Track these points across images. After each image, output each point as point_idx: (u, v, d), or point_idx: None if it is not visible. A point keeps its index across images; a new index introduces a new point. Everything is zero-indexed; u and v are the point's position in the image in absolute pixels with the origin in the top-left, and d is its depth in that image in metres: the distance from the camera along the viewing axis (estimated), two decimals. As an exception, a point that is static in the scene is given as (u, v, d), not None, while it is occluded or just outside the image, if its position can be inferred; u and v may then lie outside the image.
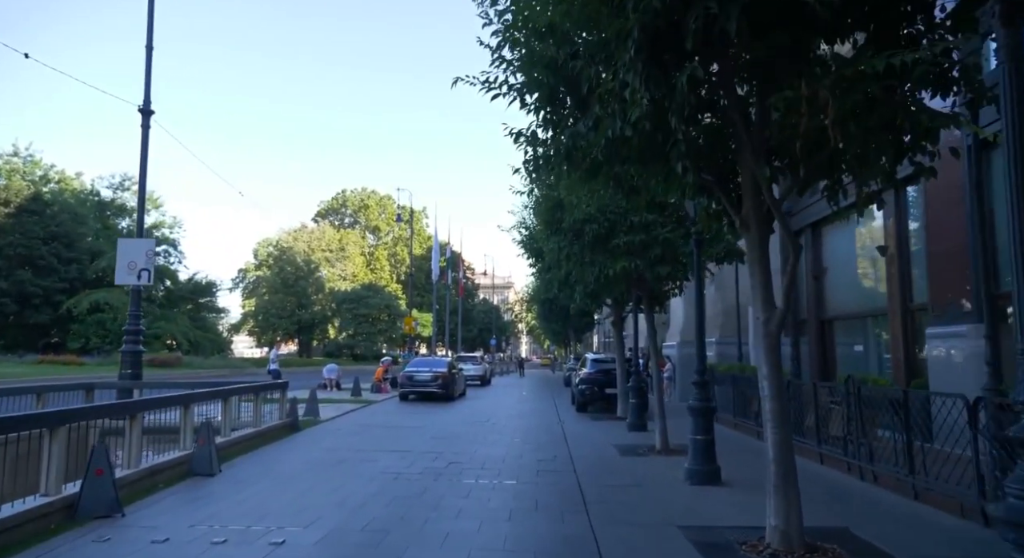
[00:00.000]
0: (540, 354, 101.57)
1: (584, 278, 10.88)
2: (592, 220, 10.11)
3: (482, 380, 32.72)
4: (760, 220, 5.52)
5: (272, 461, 9.40)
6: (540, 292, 32.59)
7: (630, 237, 9.90)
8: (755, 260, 5.56)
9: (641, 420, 13.63)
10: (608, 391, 17.75)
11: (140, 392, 12.99)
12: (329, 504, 6.73)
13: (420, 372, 22.09)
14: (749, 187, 5.51)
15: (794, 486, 5.23)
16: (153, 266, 13.89)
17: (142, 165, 13.85)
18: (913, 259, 10.95)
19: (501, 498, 7.21)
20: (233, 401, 10.48)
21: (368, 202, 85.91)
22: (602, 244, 10.34)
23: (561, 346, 60.80)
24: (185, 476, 8.06)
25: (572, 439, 12.30)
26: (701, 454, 8.08)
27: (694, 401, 8.34)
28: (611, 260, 10.19)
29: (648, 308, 11.55)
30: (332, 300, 69.62)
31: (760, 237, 5.55)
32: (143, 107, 13.94)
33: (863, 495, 7.44)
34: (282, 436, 11.97)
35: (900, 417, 7.36)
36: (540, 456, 10.32)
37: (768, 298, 5.51)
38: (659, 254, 9.93)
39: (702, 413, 8.24)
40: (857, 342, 13.53)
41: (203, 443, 8.21)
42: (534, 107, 6.05)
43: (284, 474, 8.35)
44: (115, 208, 49.77)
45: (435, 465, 9.22)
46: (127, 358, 13.39)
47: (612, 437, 12.59)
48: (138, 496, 6.91)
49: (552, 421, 15.70)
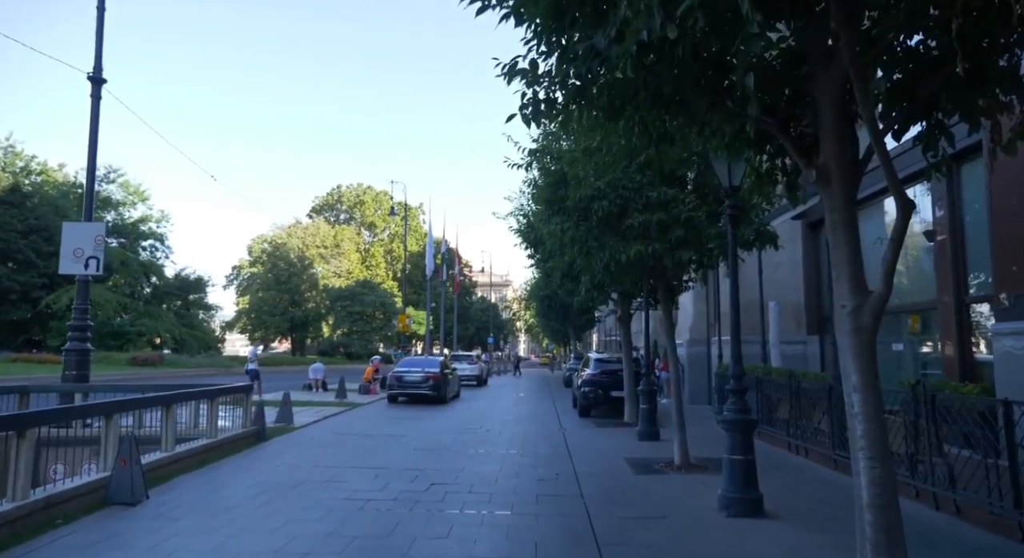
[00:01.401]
0: (538, 353, 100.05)
1: (590, 267, 9.33)
2: (601, 197, 8.56)
3: (478, 380, 31.15)
4: (846, 168, 3.97)
5: (218, 483, 7.83)
6: (539, 287, 31.05)
7: (646, 216, 8.34)
8: (839, 226, 4.00)
9: (653, 428, 12.10)
10: (614, 394, 16.19)
11: (85, 396, 11.45)
12: (262, 554, 5.16)
13: (410, 372, 20.52)
14: (832, 123, 3.96)
15: (901, 547, 3.69)
16: (103, 253, 12.31)
17: (92, 140, 12.27)
18: (969, 245, 9.44)
19: (491, 540, 5.65)
20: (178, 409, 8.93)
21: (364, 198, 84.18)
22: (613, 225, 8.80)
23: (560, 345, 59.22)
24: (100, 505, 6.51)
25: (576, 450, 10.75)
26: (739, 478, 6.53)
27: (730, 412, 6.78)
28: (623, 244, 8.64)
29: (664, 301, 9.99)
30: (326, 297, 67.95)
31: (846, 193, 4.00)
32: (93, 74, 12.37)
33: (953, 535, 5.89)
34: (243, 447, 10.41)
35: (994, 434, 5.83)
36: (540, 473, 8.78)
37: (858, 279, 3.97)
38: (681, 236, 8.36)
39: (740, 427, 6.69)
40: (893, 340, 12.01)
41: (124, 464, 6.65)
42: (534, 26, 4.49)
43: (223, 504, 6.78)
44: (100, 201, 48.00)
45: (413, 488, 7.66)
46: (71, 357, 11.82)
47: (621, 448, 11.05)
48: (23, 538, 5.36)
49: (553, 428, 14.16)
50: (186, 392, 9.22)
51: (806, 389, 10.24)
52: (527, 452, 10.66)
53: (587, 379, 16.78)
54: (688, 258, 8.44)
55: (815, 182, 4.11)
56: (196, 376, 33.49)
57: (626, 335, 15.48)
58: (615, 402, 16.10)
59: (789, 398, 10.86)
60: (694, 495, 7.44)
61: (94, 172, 12.59)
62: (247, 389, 11.31)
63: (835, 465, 8.92)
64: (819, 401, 9.80)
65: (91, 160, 12.35)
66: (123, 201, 49.83)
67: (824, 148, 4.03)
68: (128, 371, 34.93)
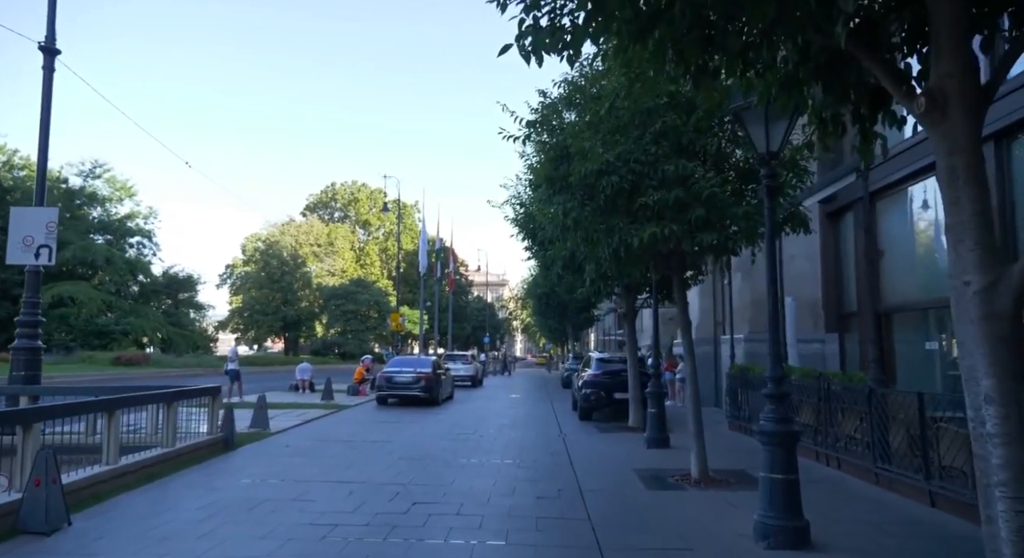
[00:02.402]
0: (535, 353, 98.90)
1: (596, 254, 8.20)
2: (610, 171, 7.43)
3: (473, 381, 29.99)
4: (969, 90, 2.87)
5: (162, 504, 6.69)
6: (537, 283, 29.89)
7: (662, 194, 7.21)
8: (959, 174, 2.88)
9: (662, 434, 10.98)
10: (617, 396, 15.07)
11: (35, 399, 10.28)
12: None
13: (401, 373, 19.37)
14: (948, 30, 2.85)
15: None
16: (55, 242, 11.12)
17: (44, 116, 11.09)
18: (1021, 230, 8.36)
19: (479, 582, 4.53)
20: (128, 414, 7.80)
21: (359, 196, 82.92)
22: (623, 205, 7.68)
23: (557, 344, 58.08)
24: (11, 533, 5.37)
25: (579, 460, 9.64)
26: (781, 502, 5.41)
27: (769, 422, 5.67)
28: (634, 227, 7.52)
29: (680, 293, 8.86)
30: (319, 296, 66.69)
31: (968, 127, 2.88)
32: (45, 44, 11.20)
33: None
34: (206, 457, 9.27)
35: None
36: (539, 489, 7.66)
37: (988, 245, 2.85)
38: (702, 216, 7.23)
39: (782, 440, 5.57)
40: (927, 339, 10.94)
41: (39, 484, 5.51)
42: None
43: (158, 531, 5.63)
44: (86, 196, 46.68)
45: (392, 509, 6.53)
46: (19, 356, 10.60)
47: (629, 457, 9.95)
48: None
49: (552, 433, 13.05)
50: (133, 396, 8.06)
51: (837, 392, 9.12)
52: (525, 462, 9.54)
53: (588, 380, 15.65)
54: (710, 242, 7.30)
55: (922, 116, 2.99)
56: (180, 377, 32.29)
57: (631, 333, 14.37)
58: (618, 405, 15.00)
59: (816, 402, 9.76)
60: (721, 518, 6.33)
61: (47, 151, 11.39)
62: (213, 391, 10.16)
63: (876, 480, 7.81)
64: (853, 406, 8.69)
65: (43, 138, 11.17)
66: (109, 197, 48.48)
67: (938, 66, 2.92)
68: (111, 371, 33.74)
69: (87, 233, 44.87)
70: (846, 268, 13.52)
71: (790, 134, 5.88)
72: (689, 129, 7.52)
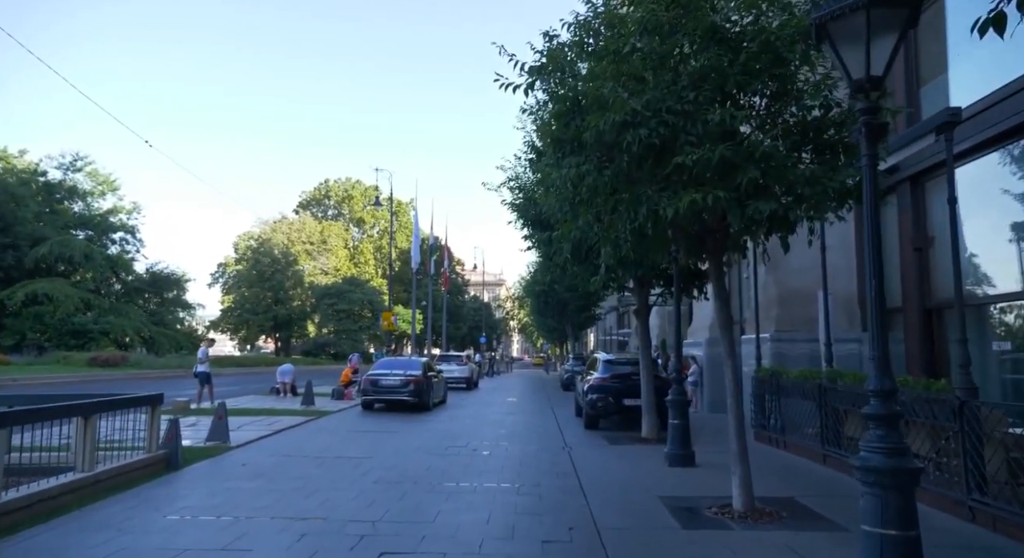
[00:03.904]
0: (532, 353, 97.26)
1: (616, 230, 6.56)
2: (638, 123, 5.79)
3: (468, 383, 28.30)
4: None
5: (45, 556, 5.02)
6: (537, 277, 28.25)
7: (704, 152, 5.57)
8: None
9: (687, 450, 9.36)
10: (627, 402, 13.43)
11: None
12: None
13: (388, 376, 17.71)
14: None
15: None
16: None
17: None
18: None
19: None
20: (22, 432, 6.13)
21: (353, 193, 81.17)
22: (653, 166, 6.04)
23: (556, 344, 56.43)
24: None
25: (591, 484, 8.00)
26: (898, 570, 3.75)
27: (876, 454, 3.94)
28: (666, 194, 5.89)
29: (717, 279, 7.22)
30: (311, 295, 64.96)
31: None
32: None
33: None
34: (139, 482, 7.61)
35: None
36: (546, 528, 6.01)
37: None
38: (755, 179, 5.60)
39: (896, 481, 3.84)
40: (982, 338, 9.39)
41: None
42: None
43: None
44: (65, 190, 44.81)
45: (350, 564, 4.89)
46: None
47: (650, 478, 8.32)
48: None
49: (555, 445, 11.41)
50: (33, 409, 6.35)
51: (907, 403, 7.50)
52: (525, 486, 7.89)
53: (595, 384, 13.99)
54: (767, 212, 5.66)
55: None
56: (160, 379, 30.62)
57: (644, 331, 12.74)
58: (628, 412, 13.37)
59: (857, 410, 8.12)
60: (794, 579, 4.69)
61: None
62: (153, 400, 8.48)
63: (972, 516, 6.19)
64: (931, 421, 7.05)
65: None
66: (91, 191, 46.66)
67: None
68: (87, 372, 32.05)
69: (66, 228, 43.05)
70: (887, 259, 11.91)
71: (897, 54, 4.24)
72: (735, 71, 5.90)
